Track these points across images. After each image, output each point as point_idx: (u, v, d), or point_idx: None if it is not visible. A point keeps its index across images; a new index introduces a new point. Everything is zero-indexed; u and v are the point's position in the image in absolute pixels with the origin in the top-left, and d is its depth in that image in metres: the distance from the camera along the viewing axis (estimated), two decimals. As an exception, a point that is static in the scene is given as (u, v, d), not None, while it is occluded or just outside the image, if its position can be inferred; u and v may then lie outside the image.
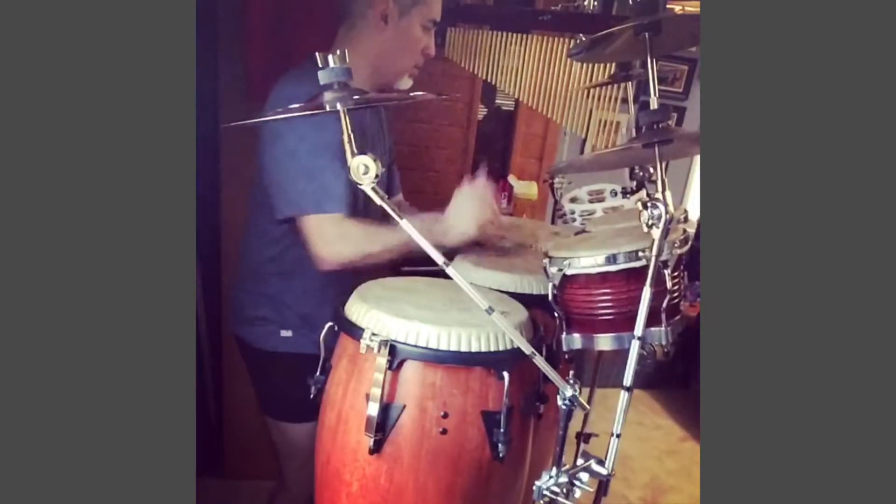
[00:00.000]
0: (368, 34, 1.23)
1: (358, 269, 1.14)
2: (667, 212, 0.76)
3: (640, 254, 0.86)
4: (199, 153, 0.73)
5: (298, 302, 1.29)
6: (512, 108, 2.72)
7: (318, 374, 1.01)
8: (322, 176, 1.13)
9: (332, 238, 1.13)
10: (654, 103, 0.82)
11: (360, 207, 1.17)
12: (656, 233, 0.77)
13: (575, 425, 1.07)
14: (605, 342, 0.92)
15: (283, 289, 1.28)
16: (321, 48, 0.76)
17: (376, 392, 0.87)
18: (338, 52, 0.76)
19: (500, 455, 0.89)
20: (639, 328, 0.78)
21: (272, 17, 1.67)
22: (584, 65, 1.62)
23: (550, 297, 0.95)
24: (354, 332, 0.93)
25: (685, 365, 3.27)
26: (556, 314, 0.96)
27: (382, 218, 1.14)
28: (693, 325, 2.65)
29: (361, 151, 0.75)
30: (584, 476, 0.83)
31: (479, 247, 1.30)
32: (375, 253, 1.13)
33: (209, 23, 1.69)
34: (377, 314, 0.92)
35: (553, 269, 0.94)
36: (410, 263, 1.32)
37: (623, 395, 0.79)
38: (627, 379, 0.78)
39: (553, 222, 1.90)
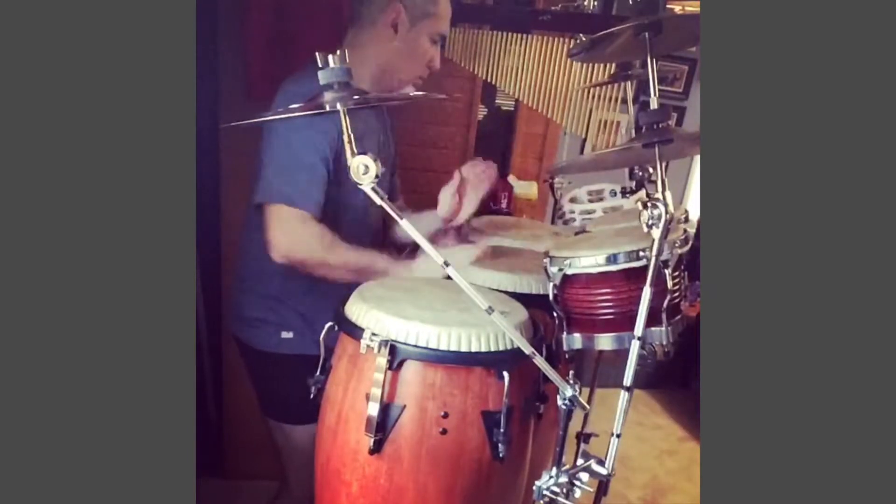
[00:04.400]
0: (377, 41, 1.23)
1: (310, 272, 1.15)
2: (667, 212, 0.76)
3: (641, 253, 0.87)
4: (199, 153, 0.73)
5: (300, 301, 1.28)
6: (512, 108, 2.72)
7: (318, 374, 1.01)
8: (303, 173, 1.13)
9: (293, 232, 1.12)
10: (654, 103, 0.82)
11: (327, 219, 1.17)
12: (656, 233, 0.77)
13: (575, 425, 1.07)
14: (605, 342, 0.92)
15: (285, 288, 1.28)
16: (321, 48, 0.76)
17: (376, 392, 0.87)
18: (338, 52, 0.76)
19: (500, 455, 0.89)
20: (639, 328, 0.79)
21: (272, 17, 1.67)
22: (584, 65, 1.62)
23: (551, 297, 0.95)
24: (354, 332, 0.93)
25: (685, 365, 3.27)
26: (555, 314, 0.96)
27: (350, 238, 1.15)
28: (693, 325, 2.65)
29: (362, 151, 0.75)
30: (584, 476, 0.83)
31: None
32: (330, 264, 1.14)
33: (209, 23, 1.69)
34: (377, 314, 0.92)
35: (553, 269, 0.94)
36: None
37: (623, 395, 0.79)
38: (627, 379, 0.78)
39: (553, 222, 1.90)
